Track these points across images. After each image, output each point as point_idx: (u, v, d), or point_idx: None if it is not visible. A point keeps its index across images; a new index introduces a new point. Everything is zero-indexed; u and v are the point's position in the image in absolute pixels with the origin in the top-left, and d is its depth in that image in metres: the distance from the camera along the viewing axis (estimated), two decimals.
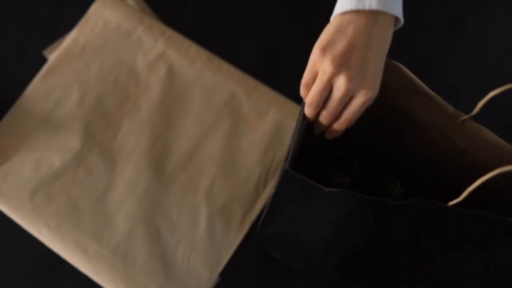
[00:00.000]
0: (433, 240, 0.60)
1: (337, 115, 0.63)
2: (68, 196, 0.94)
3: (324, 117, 0.63)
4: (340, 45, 0.58)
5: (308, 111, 0.63)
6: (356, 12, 0.58)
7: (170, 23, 1.06)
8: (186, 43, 1.04)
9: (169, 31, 1.04)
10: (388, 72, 0.66)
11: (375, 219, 0.59)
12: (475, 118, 0.65)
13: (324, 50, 0.58)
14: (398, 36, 1.06)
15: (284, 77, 1.03)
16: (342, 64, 0.58)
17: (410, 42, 1.06)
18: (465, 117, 0.64)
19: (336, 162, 0.85)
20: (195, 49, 1.03)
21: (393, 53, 0.67)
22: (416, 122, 0.70)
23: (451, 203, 0.55)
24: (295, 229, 0.73)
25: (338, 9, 0.59)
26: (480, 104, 0.60)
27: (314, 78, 0.61)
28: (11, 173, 0.94)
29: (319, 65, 0.59)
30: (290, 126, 1.00)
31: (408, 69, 0.65)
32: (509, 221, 0.53)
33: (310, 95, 0.61)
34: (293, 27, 1.07)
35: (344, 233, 0.64)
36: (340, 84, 0.58)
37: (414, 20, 1.08)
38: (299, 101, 1.01)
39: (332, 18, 0.60)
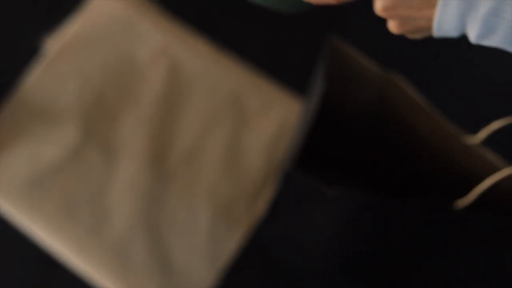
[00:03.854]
0: (434, 240, 0.60)
1: None
2: (65, 191, 0.93)
3: None
4: None
5: None
6: None
7: (174, 15, 1.05)
8: (191, 36, 1.02)
9: (173, 24, 1.02)
10: (388, 85, 0.63)
11: (377, 221, 0.59)
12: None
13: None
14: (402, 52, 1.03)
15: (288, 69, 1.03)
16: None
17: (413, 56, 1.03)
18: (469, 143, 0.61)
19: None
20: (199, 43, 1.01)
21: (395, 67, 0.65)
22: (416, 139, 0.67)
23: (459, 202, 0.53)
24: (295, 229, 0.73)
25: None
26: (482, 135, 0.57)
27: None
28: (7, 166, 0.94)
29: None
30: (294, 124, 0.99)
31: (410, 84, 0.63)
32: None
33: None
34: (298, 21, 1.05)
35: (345, 234, 0.64)
36: None
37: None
38: (304, 96, 1.01)
39: None
